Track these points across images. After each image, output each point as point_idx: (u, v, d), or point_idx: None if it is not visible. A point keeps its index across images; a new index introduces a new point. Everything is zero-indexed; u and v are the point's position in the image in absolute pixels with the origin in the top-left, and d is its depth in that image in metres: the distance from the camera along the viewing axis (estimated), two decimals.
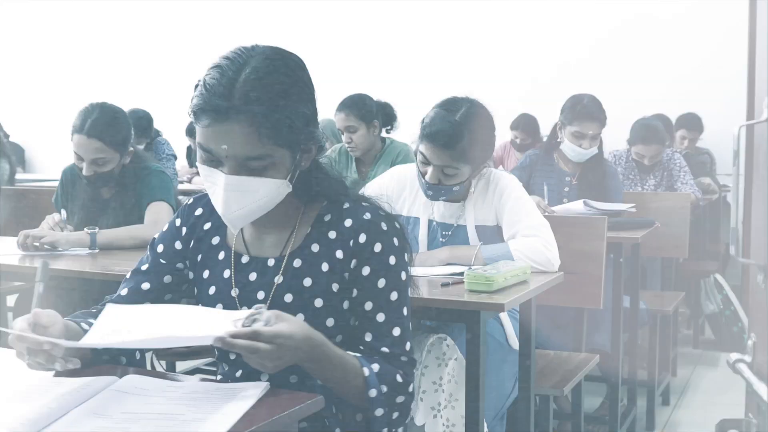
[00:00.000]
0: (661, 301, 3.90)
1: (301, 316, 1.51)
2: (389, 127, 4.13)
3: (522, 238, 2.43)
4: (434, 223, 2.60)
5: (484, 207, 2.54)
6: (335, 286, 1.53)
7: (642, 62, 6.92)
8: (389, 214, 1.59)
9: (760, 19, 0.94)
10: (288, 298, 1.54)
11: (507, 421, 2.46)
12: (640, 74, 6.90)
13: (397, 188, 2.66)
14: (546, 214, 3.35)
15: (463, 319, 2.04)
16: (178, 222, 1.68)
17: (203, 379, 1.42)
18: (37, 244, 2.61)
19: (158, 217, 2.79)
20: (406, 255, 1.58)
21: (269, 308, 1.50)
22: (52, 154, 8.51)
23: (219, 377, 1.65)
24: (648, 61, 6.90)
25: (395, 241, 1.55)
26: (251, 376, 1.50)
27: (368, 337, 1.52)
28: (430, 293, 2.10)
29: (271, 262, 1.57)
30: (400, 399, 1.50)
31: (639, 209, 3.94)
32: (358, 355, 1.48)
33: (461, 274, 2.18)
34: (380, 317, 1.52)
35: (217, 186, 1.47)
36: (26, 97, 9.27)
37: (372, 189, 2.69)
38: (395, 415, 1.50)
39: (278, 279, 1.55)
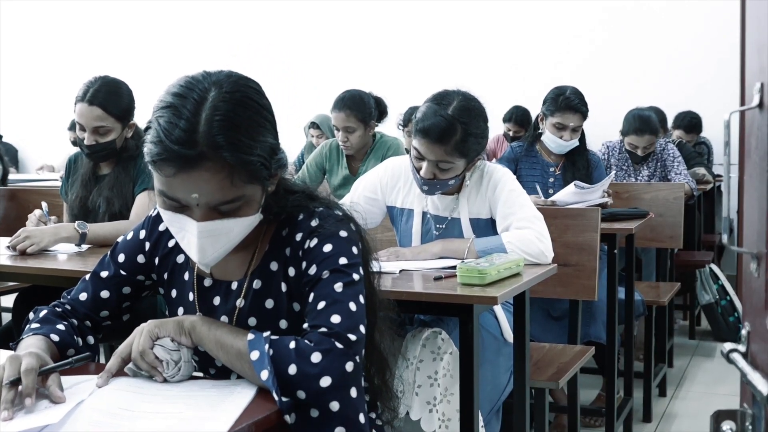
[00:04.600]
0: (657, 292, 3.90)
1: None
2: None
3: (515, 231, 2.42)
4: (428, 215, 2.59)
5: (478, 200, 2.53)
6: (296, 306, 1.49)
7: (636, 52, 6.92)
8: (344, 217, 1.52)
9: (750, 3, 0.93)
10: (252, 321, 1.51)
11: (503, 414, 2.45)
12: (635, 64, 6.90)
13: (391, 180, 2.65)
14: (546, 206, 3.35)
15: (456, 313, 2.03)
16: (142, 234, 1.63)
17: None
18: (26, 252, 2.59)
19: (142, 211, 2.78)
20: (361, 257, 1.49)
21: None
22: (45, 155, 8.50)
23: None
24: (642, 51, 6.90)
25: (348, 244, 1.47)
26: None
27: (305, 325, 1.40)
28: (423, 287, 2.09)
29: (234, 285, 1.53)
30: (324, 381, 1.29)
31: (633, 200, 3.94)
32: (252, 337, 1.34)
33: (454, 267, 2.17)
34: (320, 305, 1.40)
35: (187, 233, 1.39)
36: (20, 98, 9.25)
37: (366, 181, 2.69)
38: (323, 384, 1.29)
39: (240, 303, 1.51)
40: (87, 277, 1.64)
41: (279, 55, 8.10)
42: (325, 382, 1.29)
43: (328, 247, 1.45)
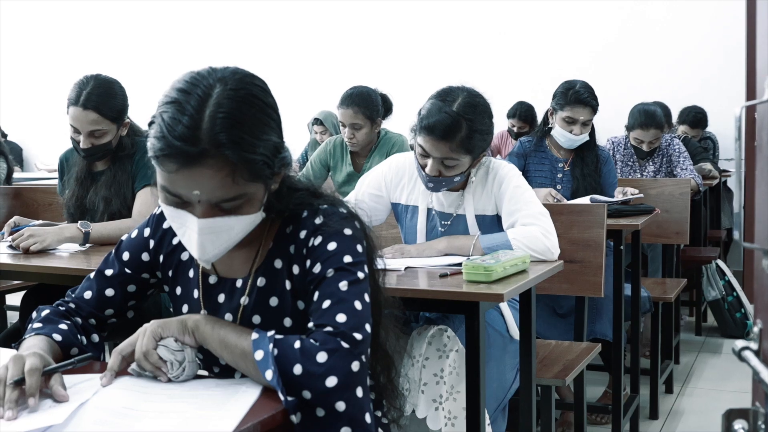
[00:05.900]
0: (663, 289, 3.88)
1: None
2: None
3: (521, 227, 2.40)
4: (433, 212, 2.57)
5: (483, 196, 2.52)
6: (301, 304, 1.48)
7: (641, 48, 6.90)
8: (349, 215, 1.50)
9: None
10: (256, 319, 1.50)
11: (509, 411, 2.44)
12: (640, 60, 6.88)
13: (395, 177, 2.63)
14: (556, 202, 3.34)
15: (461, 310, 2.02)
16: (147, 232, 1.63)
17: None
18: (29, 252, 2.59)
19: (145, 208, 2.77)
20: (365, 255, 1.47)
21: None
22: (50, 153, 8.50)
23: None
24: (647, 47, 6.87)
25: (352, 242, 1.45)
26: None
27: (310, 324, 1.39)
28: (428, 284, 2.07)
29: (239, 283, 1.52)
30: (330, 381, 1.29)
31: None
32: (256, 336, 1.34)
33: (460, 264, 2.16)
34: (325, 304, 1.39)
35: (188, 229, 1.38)
36: (24, 97, 9.25)
37: (371, 178, 2.67)
38: (330, 384, 1.28)
39: (244, 300, 1.50)
40: (92, 275, 1.64)
41: (279, 55, 8.08)
42: (331, 381, 1.28)
43: (332, 245, 1.44)
